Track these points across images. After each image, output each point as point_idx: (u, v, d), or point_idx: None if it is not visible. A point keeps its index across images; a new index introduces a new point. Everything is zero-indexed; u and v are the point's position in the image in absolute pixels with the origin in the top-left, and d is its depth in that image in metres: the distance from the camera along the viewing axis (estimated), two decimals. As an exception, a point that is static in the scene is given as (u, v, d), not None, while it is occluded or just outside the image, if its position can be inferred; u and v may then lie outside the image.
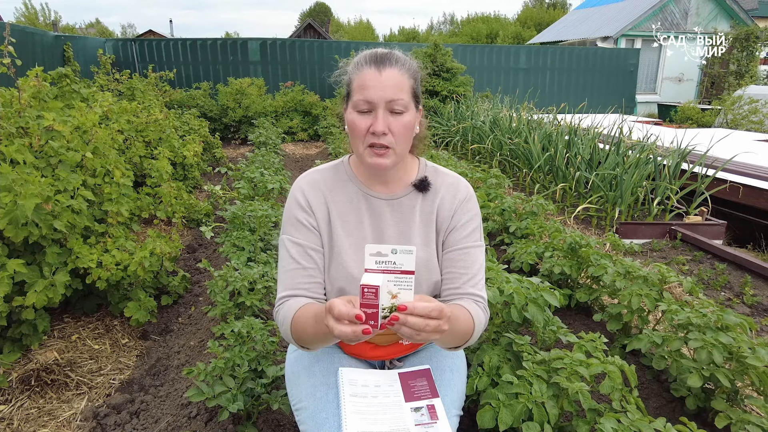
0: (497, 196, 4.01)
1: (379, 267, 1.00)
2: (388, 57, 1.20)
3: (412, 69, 1.24)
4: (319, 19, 38.26)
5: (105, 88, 7.39)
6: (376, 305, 0.95)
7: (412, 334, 0.96)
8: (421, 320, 0.95)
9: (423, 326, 0.95)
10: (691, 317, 1.96)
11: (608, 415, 1.49)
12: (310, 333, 1.15)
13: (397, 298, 0.98)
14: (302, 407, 1.27)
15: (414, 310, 0.95)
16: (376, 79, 1.16)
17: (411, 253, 1.00)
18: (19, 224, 2.14)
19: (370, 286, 0.95)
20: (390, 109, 1.18)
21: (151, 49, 11.20)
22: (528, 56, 13.18)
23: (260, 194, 4.08)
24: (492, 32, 39.29)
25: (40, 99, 2.83)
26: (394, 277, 0.99)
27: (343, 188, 1.34)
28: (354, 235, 1.31)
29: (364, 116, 1.19)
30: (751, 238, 4.77)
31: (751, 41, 14.16)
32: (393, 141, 1.19)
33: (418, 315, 0.95)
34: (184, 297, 3.18)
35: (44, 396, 2.21)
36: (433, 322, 0.96)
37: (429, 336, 0.98)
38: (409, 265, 1.00)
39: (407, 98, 1.20)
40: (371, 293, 0.95)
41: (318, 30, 25.30)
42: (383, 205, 1.32)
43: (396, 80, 1.17)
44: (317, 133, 10.01)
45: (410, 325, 0.95)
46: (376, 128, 1.17)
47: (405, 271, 0.99)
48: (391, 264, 1.00)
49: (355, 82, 1.20)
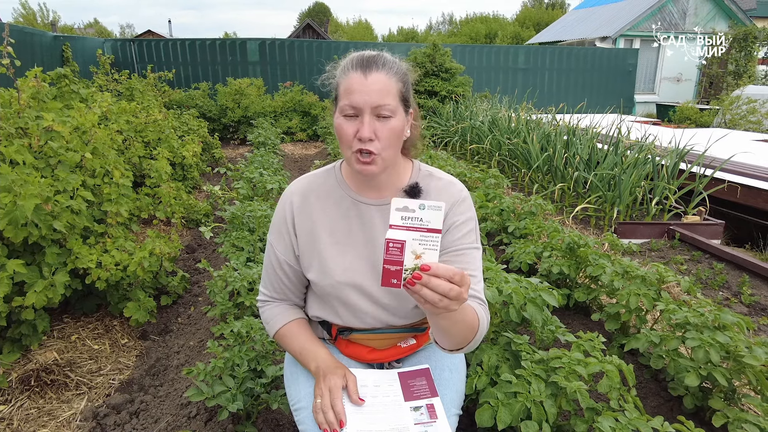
0: (496, 196, 4.02)
1: (404, 223, 0.94)
2: (375, 60, 1.16)
3: (401, 72, 1.20)
4: (318, 19, 38.26)
5: (104, 88, 7.39)
6: (401, 262, 0.91)
7: (434, 298, 0.91)
8: (445, 283, 0.90)
9: (447, 290, 0.90)
10: (688, 317, 1.97)
11: (606, 414, 1.50)
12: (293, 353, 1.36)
13: (420, 258, 0.92)
14: (301, 407, 1.27)
15: (437, 270, 0.91)
16: (362, 83, 1.13)
17: (440, 209, 0.94)
18: (18, 225, 2.15)
19: (396, 240, 0.91)
20: (377, 114, 1.14)
21: (150, 49, 11.20)
22: (527, 56, 13.19)
23: (259, 194, 4.09)
24: (491, 32, 39.33)
25: (39, 99, 2.83)
26: (420, 235, 0.93)
27: (333, 194, 1.32)
28: (341, 242, 1.29)
29: (351, 121, 1.16)
30: (749, 238, 4.79)
31: (749, 41, 14.19)
32: (380, 147, 1.15)
33: (442, 276, 0.91)
34: (184, 297, 3.19)
35: (44, 396, 2.22)
36: (456, 287, 0.91)
37: (450, 304, 0.92)
38: (436, 223, 0.94)
39: (394, 103, 1.16)
40: (396, 248, 0.91)
41: (317, 30, 25.30)
42: (373, 211, 1.30)
43: (382, 84, 1.14)
44: (316, 133, 10.01)
45: (433, 286, 0.90)
46: (362, 134, 1.14)
47: (431, 229, 0.94)
48: (418, 221, 0.94)
49: (342, 87, 1.17)
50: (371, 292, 1.28)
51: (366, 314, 1.31)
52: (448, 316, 1.01)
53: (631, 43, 16.25)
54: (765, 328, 2.84)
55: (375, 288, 1.28)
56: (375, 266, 1.28)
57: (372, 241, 1.29)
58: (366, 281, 1.28)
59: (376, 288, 1.28)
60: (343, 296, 1.29)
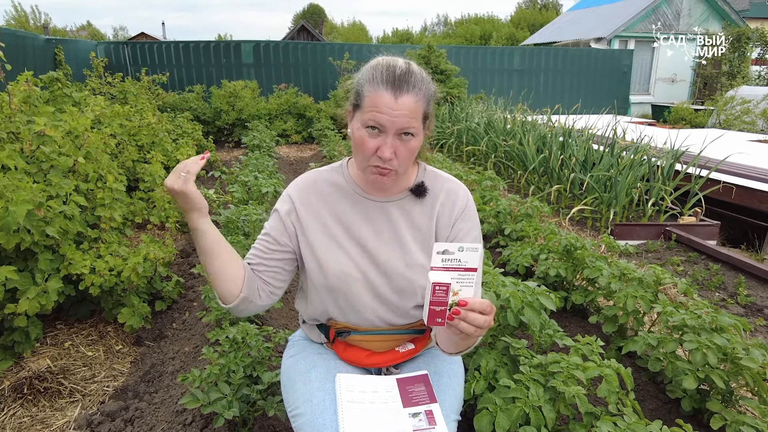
0: (492, 199, 4.02)
1: (444, 264, 1.01)
2: (406, 80, 1.14)
3: (429, 93, 1.19)
4: (312, 20, 38.24)
5: (97, 91, 7.34)
6: (446, 302, 0.99)
7: (470, 330, 1.00)
8: (480, 316, 1.00)
9: (482, 322, 1.00)
10: (685, 319, 1.97)
11: (605, 418, 1.49)
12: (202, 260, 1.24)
13: (457, 295, 1.01)
14: (299, 413, 1.26)
15: (473, 305, 1.00)
16: (391, 105, 1.12)
17: (476, 251, 1.01)
18: (10, 231, 2.12)
19: (442, 284, 0.98)
20: (399, 133, 1.15)
21: (143, 51, 11.16)
22: (522, 57, 13.22)
23: (254, 198, 4.06)
24: (485, 33, 39.42)
25: (31, 103, 2.81)
26: (458, 275, 1.01)
27: (339, 191, 1.34)
28: (347, 234, 1.31)
29: (373, 136, 1.16)
30: (744, 239, 4.80)
31: (742, 42, 14.28)
32: (397, 164, 1.18)
33: (476, 310, 1.00)
34: (178, 302, 3.16)
35: (37, 404, 2.19)
36: (489, 318, 1.01)
37: (481, 333, 1.02)
38: (473, 263, 1.02)
39: (418, 125, 1.17)
40: (442, 291, 0.98)
41: (311, 32, 25.30)
42: (378, 208, 1.32)
43: (411, 108, 1.13)
44: (311, 135, 9.99)
45: (470, 320, 1.00)
46: (383, 154, 1.15)
47: (468, 268, 1.02)
48: (456, 261, 1.01)
49: (368, 99, 1.15)
50: (374, 285, 1.30)
51: (366, 308, 1.31)
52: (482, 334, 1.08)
53: (625, 44, 16.32)
54: (761, 329, 2.85)
55: (378, 281, 1.30)
56: (378, 261, 1.30)
57: (377, 236, 1.31)
58: (370, 273, 1.30)
59: (379, 281, 1.30)
60: (345, 287, 1.29)
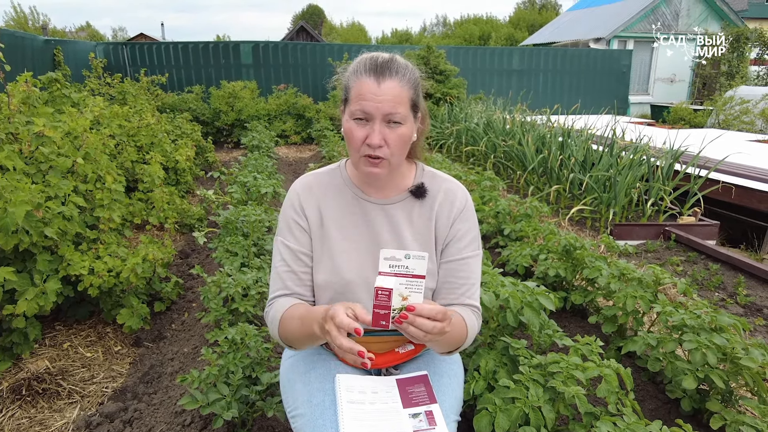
0: (491, 199, 4.02)
1: (392, 270, 1.06)
2: (389, 67, 1.17)
3: (413, 78, 1.21)
4: (311, 21, 38.24)
5: (96, 92, 7.33)
6: (388, 307, 1.02)
7: (418, 334, 1.02)
8: (428, 321, 1.01)
9: (430, 328, 1.01)
10: (685, 319, 1.97)
11: (604, 418, 1.49)
12: (296, 333, 1.19)
13: (406, 300, 1.04)
14: (299, 414, 1.25)
15: (421, 311, 1.01)
16: (374, 91, 1.14)
17: (423, 258, 1.05)
18: (9, 231, 2.11)
19: (384, 288, 1.01)
20: (387, 120, 1.16)
21: (142, 52, 11.14)
22: (521, 58, 13.22)
23: (253, 198, 4.06)
24: (484, 34, 39.39)
25: (29, 104, 2.80)
26: (406, 281, 1.04)
27: (338, 193, 1.34)
28: (349, 238, 1.31)
29: (361, 126, 1.18)
30: (743, 238, 4.81)
31: (741, 42, 14.29)
32: (388, 152, 1.19)
33: (425, 316, 1.01)
34: (177, 303, 3.16)
35: (35, 405, 2.18)
36: (439, 324, 1.02)
37: (434, 337, 1.03)
38: (421, 270, 1.05)
39: (405, 111, 1.18)
40: (384, 295, 1.01)
41: (311, 32, 25.29)
42: (377, 210, 1.32)
43: (395, 93, 1.15)
44: (311, 136, 9.98)
45: (417, 325, 1.01)
46: (372, 141, 1.16)
47: (416, 275, 1.05)
48: (404, 268, 1.05)
49: (353, 90, 1.18)
50: None
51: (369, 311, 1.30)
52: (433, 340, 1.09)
53: (624, 44, 16.33)
54: (761, 329, 2.84)
55: None
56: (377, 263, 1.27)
57: (376, 238, 1.31)
58: (372, 277, 1.29)
59: None
60: (344, 289, 1.29)
